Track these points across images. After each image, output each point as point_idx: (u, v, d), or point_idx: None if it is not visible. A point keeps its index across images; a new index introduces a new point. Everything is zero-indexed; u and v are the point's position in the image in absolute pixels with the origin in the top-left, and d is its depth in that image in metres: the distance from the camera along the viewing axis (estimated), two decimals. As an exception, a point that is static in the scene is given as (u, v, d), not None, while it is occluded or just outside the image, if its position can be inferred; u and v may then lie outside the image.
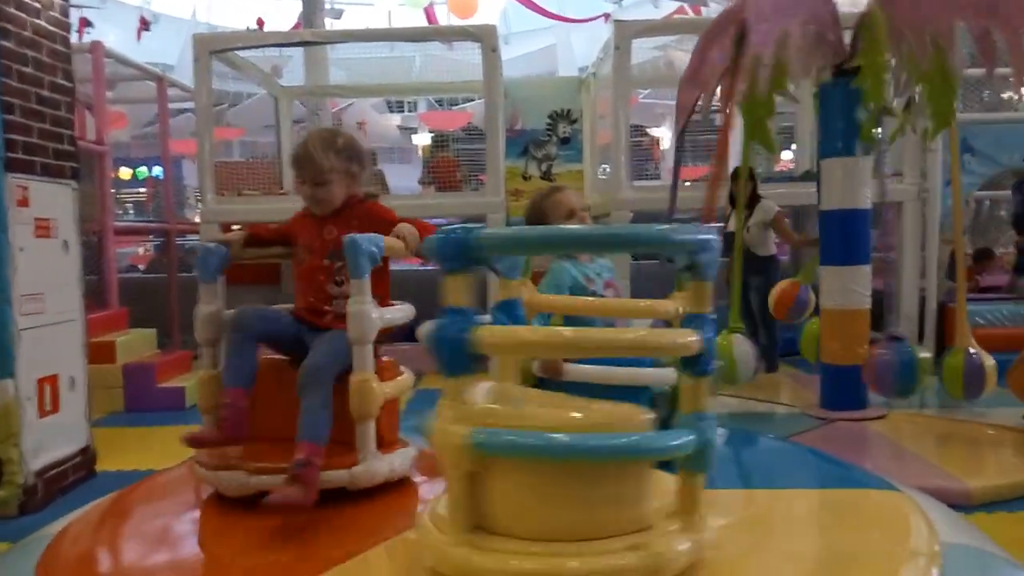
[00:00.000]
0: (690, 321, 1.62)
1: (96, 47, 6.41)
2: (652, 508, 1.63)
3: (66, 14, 3.94)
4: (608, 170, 7.40)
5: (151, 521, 2.33)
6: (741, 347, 4.64)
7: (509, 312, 2.03)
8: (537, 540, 1.53)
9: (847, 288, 4.37)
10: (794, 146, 8.39)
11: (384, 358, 2.47)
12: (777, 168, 9.55)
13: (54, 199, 3.74)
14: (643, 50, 7.15)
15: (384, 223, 2.45)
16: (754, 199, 5.69)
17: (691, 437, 1.56)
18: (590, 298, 2.47)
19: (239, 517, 2.21)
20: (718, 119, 11.07)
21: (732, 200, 5.92)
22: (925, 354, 4.32)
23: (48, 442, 3.59)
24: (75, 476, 3.77)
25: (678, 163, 5.38)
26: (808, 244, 5.95)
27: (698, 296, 1.62)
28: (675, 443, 1.56)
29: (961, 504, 3.07)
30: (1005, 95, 8.80)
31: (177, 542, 2.19)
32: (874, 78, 4.03)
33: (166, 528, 2.26)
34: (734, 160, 5.54)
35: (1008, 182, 7.52)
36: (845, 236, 4.39)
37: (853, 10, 4.54)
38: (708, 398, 1.62)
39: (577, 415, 1.67)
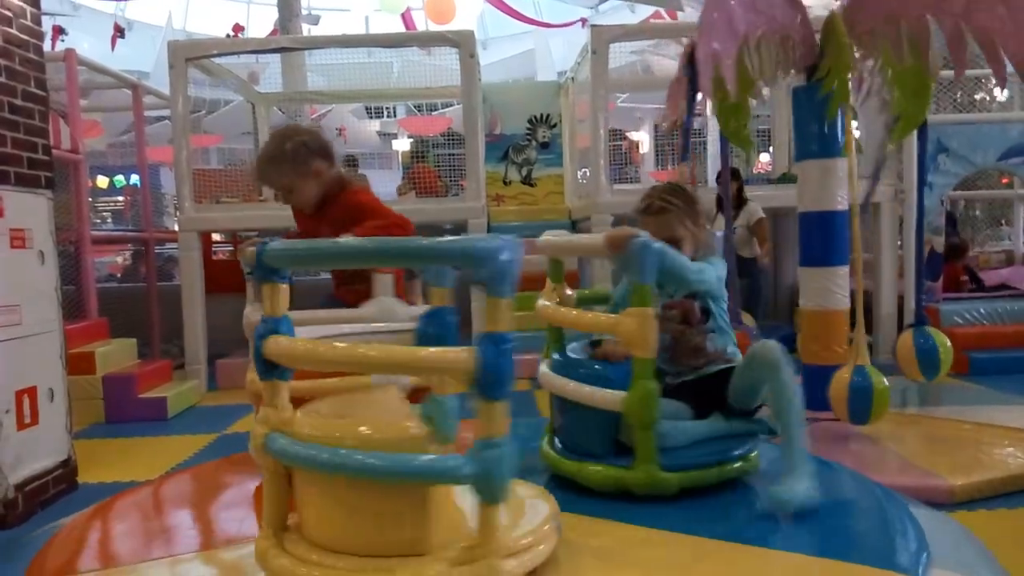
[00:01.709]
0: (481, 340, 1.45)
1: (69, 55, 6.36)
2: (435, 533, 1.56)
3: (39, 22, 3.90)
4: (588, 174, 7.42)
5: (137, 530, 2.31)
6: None
7: (438, 321, 2.00)
8: (336, 552, 1.56)
9: (825, 289, 4.40)
10: (772, 148, 8.46)
11: None
12: (755, 171, 9.63)
13: (29, 209, 3.69)
14: (620, 54, 7.18)
15: (357, 218, 2.52)
16: (740, 201, 5.75)
17: (463, 465, 1.45)
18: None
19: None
20: (696, 123, 11.13)
21: (718, 202, 5.96)
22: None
23: (28, 455, 3.54)
24: (56, 489, 3.73)
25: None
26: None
27: (492, 313, 1.47)
28: (443, 467, 1.48)
29: (944, 502, 3.10)
30: (978, 96, 8.92)
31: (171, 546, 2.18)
32: (840, 81, 4.06)
33: (156, 535, 2.25)
34: (718, 164, 5.57)
35: (982, 182, 7.64)
36: (822, 237, 4.42)
37: (822, 13, 4.59)
38: (502, 423, 1.47)
39: (367, 429, 1.59)
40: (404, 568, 1.50)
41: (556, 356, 2.54)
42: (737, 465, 2.35)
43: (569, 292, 2.69)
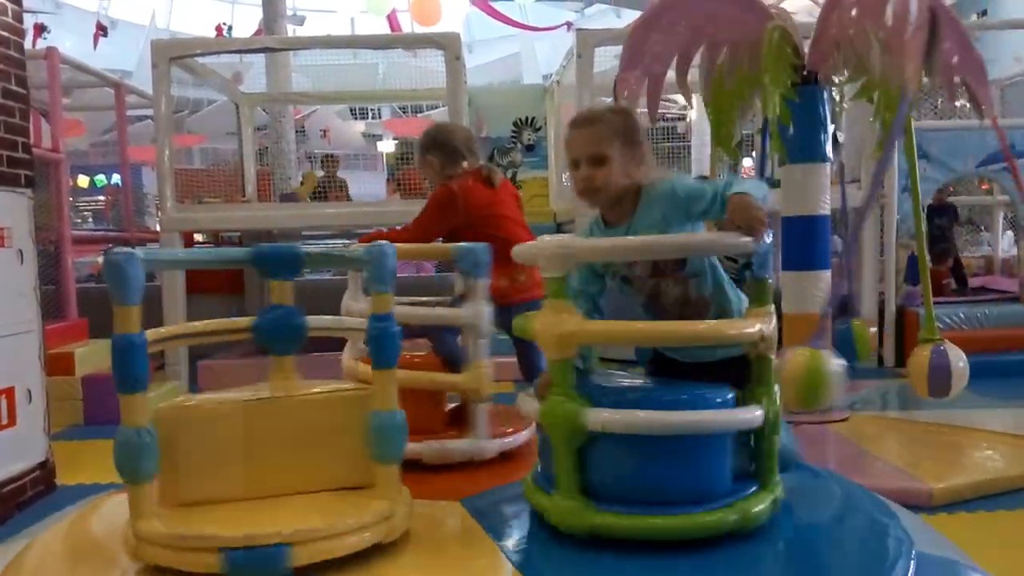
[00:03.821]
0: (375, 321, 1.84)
1: (51, 53, 6.31)
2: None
3: (20, 19, 3.87)
4: (573, 177, 7.42)
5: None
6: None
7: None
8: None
9: (807, 293, 4.42)
10: (754, 153, 8.50)
11: None
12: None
13: (8, 208, 3.65)
14: (606, 58, 7.19)
15: None
16: None
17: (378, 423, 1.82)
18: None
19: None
20: (679, 127, 11.18)
21: None
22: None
23: (4, 457, 3.50)
24: (34, 491, 3.68)
25: None
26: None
27: (379, 302, 1.86)
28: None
29: (923, 505, 3.13)
30: (958, 103, 8.99)
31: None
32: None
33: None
34: (700, 167, 5.60)
35: (964, 188, 7.73)
36: (804, 242, 4.44)
37: (807, 20, 4.62)
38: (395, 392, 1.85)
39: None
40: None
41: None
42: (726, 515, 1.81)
43: None
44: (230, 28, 17.50)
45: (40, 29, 13.88)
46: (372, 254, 1.85)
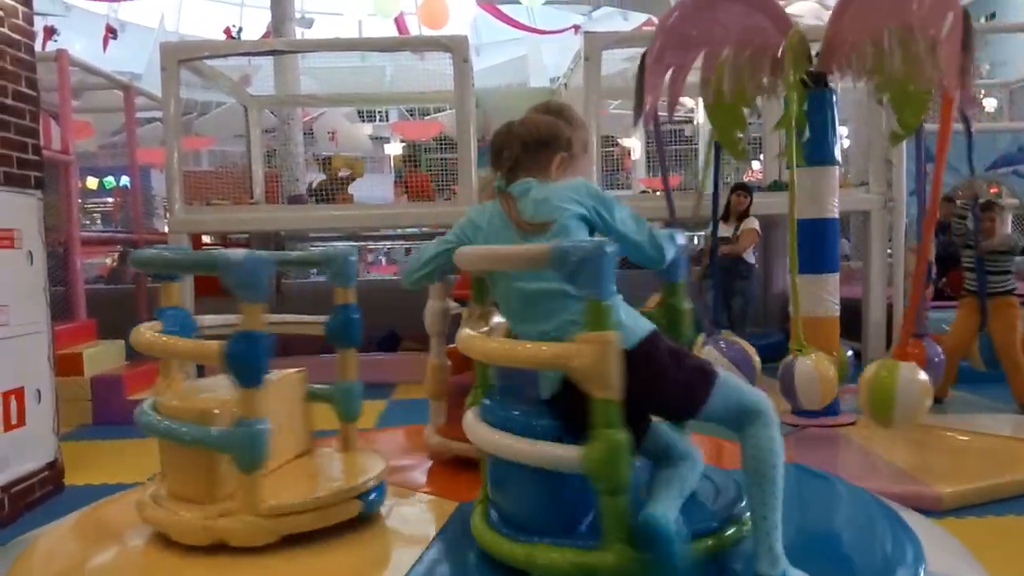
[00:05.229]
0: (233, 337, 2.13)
1: (61, 55, 6.34)
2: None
3: (31, 22, 3.89)
4: (580, 180, 7.42)
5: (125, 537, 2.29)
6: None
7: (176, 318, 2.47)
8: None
9: (817, 296, 4.41)
10: (762, 156, 8.49)
11: None
12: (746, 178, 9.65)
13: (18, 209, 3.67)
14: (613, 61, 7.20)
15: None
16: (744, 214, 5.90)
17: (231, 435, 2.05)
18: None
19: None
20: (687, 129, 11.17)
21: (725, 211, 6.03)
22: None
23: (14, 457, 3.52)
24: (43, 491, 3.70)
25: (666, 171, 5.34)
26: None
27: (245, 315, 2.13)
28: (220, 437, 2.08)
29: (932, 510, 3.11)
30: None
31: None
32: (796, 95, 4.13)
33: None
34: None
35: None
36: (814, 245, 4.44)
37: (815, 22, 4.64)
38: (258, 406, 2.05)
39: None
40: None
41: (486, 402, 1.99)
42: (731, 532, 1.86)
43: (498, 319, 2.18)
44: (239, 31, 17.52)
45: (50, 32, 13.93)
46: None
